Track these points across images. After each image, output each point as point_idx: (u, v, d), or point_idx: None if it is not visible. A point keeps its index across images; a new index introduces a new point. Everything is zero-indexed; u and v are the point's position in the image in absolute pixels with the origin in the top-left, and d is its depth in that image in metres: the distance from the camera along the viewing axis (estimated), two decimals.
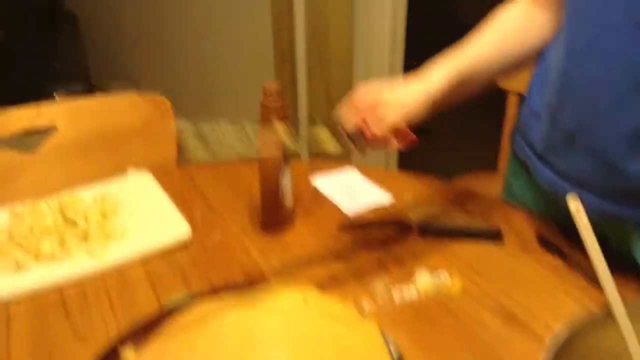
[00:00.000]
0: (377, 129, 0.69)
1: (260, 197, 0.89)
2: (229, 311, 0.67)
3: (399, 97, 0.69)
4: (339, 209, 0.94)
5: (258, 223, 0.91)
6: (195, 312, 0.68)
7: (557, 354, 0.49)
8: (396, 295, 0.75)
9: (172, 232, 0.88)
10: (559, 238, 0.83)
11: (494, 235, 0.84)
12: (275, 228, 0.90)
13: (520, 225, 0.88)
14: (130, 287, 0.78)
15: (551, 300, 0.73)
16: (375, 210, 0.93)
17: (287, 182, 0.88)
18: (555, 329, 0.68)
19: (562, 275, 0.77)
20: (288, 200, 0.89)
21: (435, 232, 0.85)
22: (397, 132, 0.70)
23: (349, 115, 0.71)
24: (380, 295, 0.75)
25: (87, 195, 0.96)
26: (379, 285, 0.77)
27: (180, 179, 1.06)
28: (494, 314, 0.71)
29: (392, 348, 0.64)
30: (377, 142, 0.71)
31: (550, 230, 0.86)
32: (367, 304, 0.74)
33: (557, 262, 0.80)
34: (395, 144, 0.71)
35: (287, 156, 0.86)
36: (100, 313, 0.74)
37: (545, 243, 0.82)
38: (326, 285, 0.77)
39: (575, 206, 0.53)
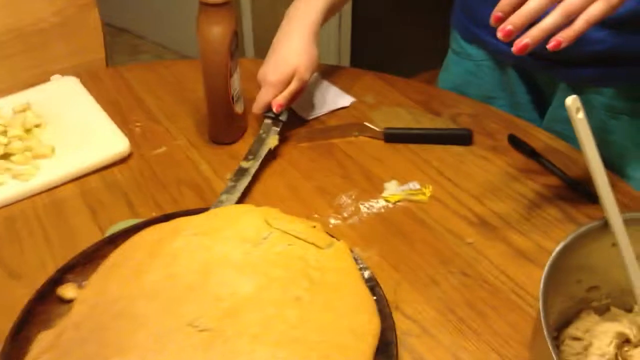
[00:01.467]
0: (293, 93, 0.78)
1: (207, 103, 0.79)
2: (182, 239, 0.60)
3: (305, 59, 0.77)
4: (296, 114, 0.85)
5: (206, 133, 0.81)
6: (144, 241, 0.61)
7: (551, 269, 0.45)
8: (364, 208, 0.69)
9: (108, 147, 0.77)
10: (531, 137, 0.79)
11: (464, 138, 0.78)
12: (226, 138, 0.80)
13: (490, 124, 0.82)
14: (65, 213, 0.69)
15: (524, 204, 0.70)
16: (337, 114, 0.85)
17: (236, 84, 0.78)
18: (529, 235, 0.65)
19: (535, 177, 0.73)
20: (239, 104, 0.80)
21: (401, 137, 0.79)
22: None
23: (266, 97, 0.77)
24: (347, 209, 0.69)
25: (4, 107, 0.84)
26: (345, 198, 0.71)
27: (112, 83, 0.93)
28: (467, 222, 0.67)
29: (362, 267, 0.60)
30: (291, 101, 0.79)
31: (522, 129, 0.81)
32: (333, 219, 0.68)
33: (530, 163, 0.75)
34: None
35: (235, 53, 0.75)
36: (33, 244, 0.65)
37: (516, 143, 0.78)
38: (288, 201, 0.70)
39: (574, 104, 0.46)
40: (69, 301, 0.55)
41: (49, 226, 0.67)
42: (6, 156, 0.75)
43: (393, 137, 0.79)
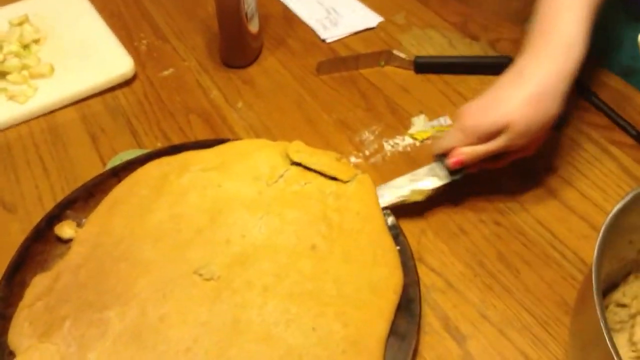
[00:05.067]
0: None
1: (218, 21, 0.71)
2: (189, 174, 0.55)
3: (527, 113, 0.51)
4: (316, 35, 0.77)
5: (218, 54, 0.74)
6: (150, 175, 0.56)
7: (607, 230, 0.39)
8: (387, 146, 0.63)
9: (111, 66, 0.71)
10: (591, 79, 0.70)
11: (504, 67, 0.70)
12: (238, 61, 0.73)
13: None
14: (64, 140, 0.64)
15: (569, 145, 0.63)
16: (361, 37, 0.77)
17: (250, 0, 0.70)
18: (572, 181, 0.59)
19: (583, 116, 0.66)
20: (253, 24, 0.72)
21: (433, 67, 0.71)
22: None
23: (450, 142, 0.55)
24: (369, 146, 0.63)
25: (0, 20, 0.77)
26: (367, 134, 0.64)
27: None
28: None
29: (386, 212, 0.54)
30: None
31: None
32: (354, 157, 0.62)
33: (579, 101, 0.67)
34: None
35: None
36: (29, 174, 0.60)
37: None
38: (305, 136, 0.64)
39: None
40: (68, 240, 0.51)
41: (46, 154, 0.62)
42: (1, 75, 0.69)
43: (424, 66, 0.71)
